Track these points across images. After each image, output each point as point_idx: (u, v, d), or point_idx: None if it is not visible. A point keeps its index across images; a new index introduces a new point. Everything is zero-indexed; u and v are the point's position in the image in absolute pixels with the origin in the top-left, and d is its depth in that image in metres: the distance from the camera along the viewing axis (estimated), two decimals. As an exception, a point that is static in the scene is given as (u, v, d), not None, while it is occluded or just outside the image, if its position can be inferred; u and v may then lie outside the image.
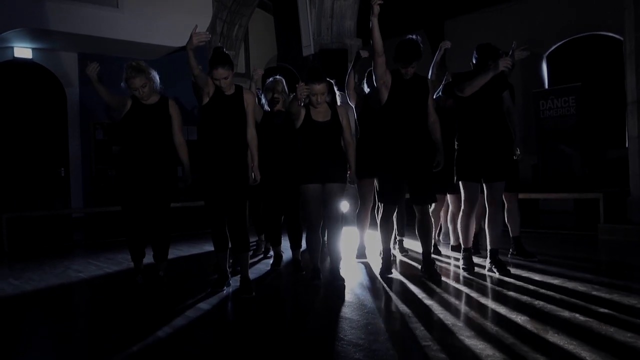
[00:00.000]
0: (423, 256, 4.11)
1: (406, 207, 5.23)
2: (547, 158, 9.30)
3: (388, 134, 4.04)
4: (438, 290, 3.70)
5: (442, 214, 5.39)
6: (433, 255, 4.30)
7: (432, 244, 4.38)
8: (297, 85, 3.81)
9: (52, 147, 8.85)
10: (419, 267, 4.24)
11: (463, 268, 4.19)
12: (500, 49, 4.04)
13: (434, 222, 4.77)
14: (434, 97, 4.57)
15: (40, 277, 4.65)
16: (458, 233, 4.93)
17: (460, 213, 4.27)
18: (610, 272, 4.36)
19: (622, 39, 7.07)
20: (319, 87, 3.88)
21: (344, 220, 4.39)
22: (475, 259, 4.41)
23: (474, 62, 4.08)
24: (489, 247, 4.20)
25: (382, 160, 4.07)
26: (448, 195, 5.11)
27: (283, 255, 4.92)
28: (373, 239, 5.34)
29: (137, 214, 4.12)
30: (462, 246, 4.26)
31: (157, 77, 4.09)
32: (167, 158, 4.12)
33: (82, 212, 8.76)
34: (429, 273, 4.03)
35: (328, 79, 4.03)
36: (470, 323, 2.91)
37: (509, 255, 4.74)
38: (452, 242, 5.29)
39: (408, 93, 4.00)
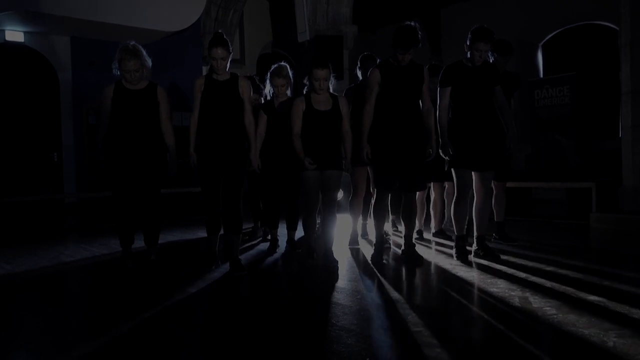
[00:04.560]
0: (404, 239, 4.28)
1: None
2: (541, 147, 9.33)
3: (381, 121, 4.05)
4: (429, 276, 3.73)
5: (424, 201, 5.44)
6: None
7: (414, 229, 4.59)
8: (306, 163, 3.93)
9: (44, 132, 8.80)
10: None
11: (456, 257, 4.20)
12: (495, 33, 4.02)
13: (420, 209, 5.12)
14: None
15: (33, 262, 4.64)
16: (439, 220, 5.38)
17: (454, 201, 4.28)
18: (601, 260, 4.40)
19: (617, 28, 7.07)
20: (322, 73, 3.95)
21: (339, 206, 4.44)
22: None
23: (468, 43, 4.06)
24: (475, 234, 4.29)
25: (376, 147, 4.07)
26: (432, 184, 5.26)
27: (279, 239, 4.97)
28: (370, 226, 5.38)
29: (127, 199, 4.08)
30: (456, 234, 4.28)
31: (150, 64, 4.06)
32: (156, 143, 4.08)
33: (75, 198, 8.73)
34: (410, 255, 4.17)
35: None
36: (461, 309, 2.94)
37: (491, 239, 4.82)
38: (433, 228, 5.40)
39: (402, 80, 4.01)
